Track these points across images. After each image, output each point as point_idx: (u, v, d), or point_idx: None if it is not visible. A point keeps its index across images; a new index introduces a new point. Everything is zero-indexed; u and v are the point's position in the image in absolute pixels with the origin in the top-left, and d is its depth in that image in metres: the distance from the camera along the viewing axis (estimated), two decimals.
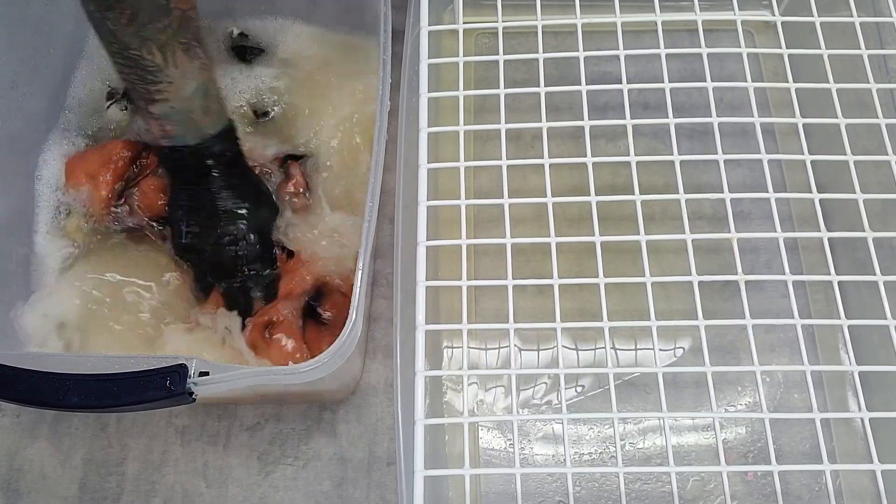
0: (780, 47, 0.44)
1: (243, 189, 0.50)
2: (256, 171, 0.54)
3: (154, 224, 0.53)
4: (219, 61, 0.58)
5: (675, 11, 0.45)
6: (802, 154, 0.41)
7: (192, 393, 0.38)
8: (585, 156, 0.41)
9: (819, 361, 0.51)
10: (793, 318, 0.37)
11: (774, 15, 0.45)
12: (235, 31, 0.60)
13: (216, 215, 0.49)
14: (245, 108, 0.58)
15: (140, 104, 0.46)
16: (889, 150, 0.41)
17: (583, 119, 0.41)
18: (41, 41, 0.55)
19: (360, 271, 0.42)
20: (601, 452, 0.50)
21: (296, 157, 0.55)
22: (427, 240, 0.39)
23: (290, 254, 0.52)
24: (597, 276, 0.38)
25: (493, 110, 0.42)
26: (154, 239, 0.53)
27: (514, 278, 0.38)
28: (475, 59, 0.45)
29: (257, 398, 0.51)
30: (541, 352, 0.53)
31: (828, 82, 0.42)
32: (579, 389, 0.51)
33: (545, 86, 0.42)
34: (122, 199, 0.54)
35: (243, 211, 0.50)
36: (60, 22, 0.56)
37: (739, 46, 0.44)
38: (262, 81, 0.58)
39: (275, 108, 0.58)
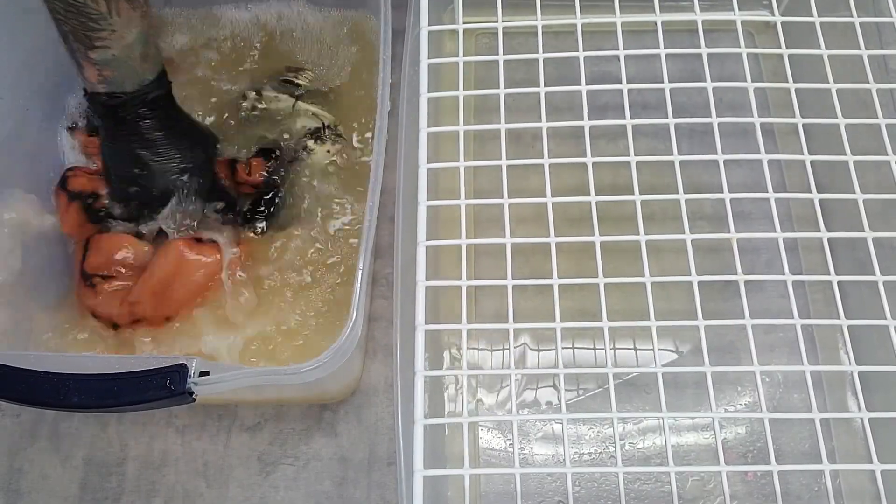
0: (780, 47, 0.44)
1: (179, 130, 0.51)
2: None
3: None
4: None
5: (675, 11, 0.45)
6: (802, 154, 0.41)
7: (193, 393, 0.38)
8: (585, 156, 0.41)
9: (819, 361, 0.51)
10: (792, 318, 0.37)
11: (774, 15, 0.45)
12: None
13: (154, 158, 0.50)
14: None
15: (78, 49, 0.46)
16: (889, 150, 0.41)
17: (583, 119, 0.41)
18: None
19: (360, 271, 0.42)
20: (601, 452, 0.50)
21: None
22: (427, 240, 0.39)
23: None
24: (597, 276, 0.38)
25: (493, 110, 0.42)
26: None
27: (514, 278, 0.38)
28: (475, 59, 0.45)
29: (258, 398, 0.51)
30: (541, 352, 0.53)
31: (828, 82, 0.42)
32: (579, 389, 0.51)
33: (545, 86, 0.42)
34: None
35: (179, 153, 0.50)
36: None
37: (739, 46, 0.44)
38: None
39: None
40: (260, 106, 0.58)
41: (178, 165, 0.50)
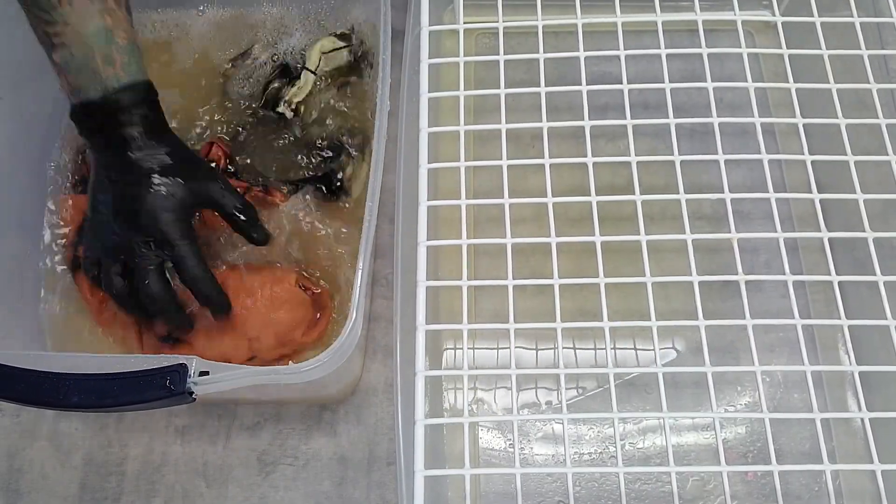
0: (781, 47, 0.44)
1: (163, 151, 0.44)
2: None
3: None
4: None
5: (675, 11, 0.45)
6: (802, 154, 0.41)
7: (192, 392, 0.38)
8: (586, 156, 0.41)
9: (819, 361, 0.51)
10: (793, 318, 0.37)
11: (774, 15, 0.45)
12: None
13: (133, 183, 0.44)
14: None
15: (46, 52, 0.43)
16: (889, 150, 0.41)
17: (583, 119, 0.41)
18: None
19: (360, 271, 0.42)
20: (601, 452, 0.50)
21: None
22: (427, 240, 0.39)
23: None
24: (597, 276, 0.38)
25: (494, 110, 0.42)
26: None
27: (514, 278, 0.38)
28: (475, 59, 0.45)
29: (258, 398, 0.51)
30: (541, 352, 0.53)
31: (828, 82, 0.42)
32: (579, 389, 0.51)
33: (545, 86, 0.42)
34: None
35: (164, 179, 0.44)
36: None
37: (739, 46, 0.44)
38: None
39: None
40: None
41: (158, 191, 0.44)
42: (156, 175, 0.44)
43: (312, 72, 0.56)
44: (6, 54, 0.53)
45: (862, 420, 0.36)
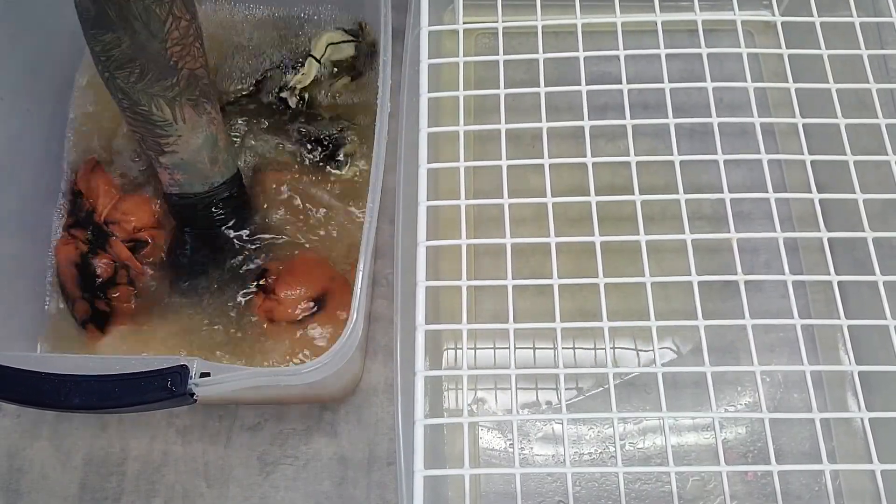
0: (780, 47, 0.44)
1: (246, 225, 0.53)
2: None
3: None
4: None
5: (675, 11, 0.45)
6: (802, 154, 0.41)
7: (193, 394, 0.38)
8: (585, 156, 0.41)
9: (819, 361, 0.51)
10: (793, 318, 0.37)
11: (774, 15, 0.45)
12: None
13: (219, 249, 0.52)
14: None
15: (150, 155, 0.47)
16: (889, 150, 0.41)
17: (583, 119, 0.41)
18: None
19: (361, 271, 0.42)
20: (601, 452, 0.50)
21: None
22: (427, 240, 0.39)
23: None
24: (597, 276, 0.38)
25: (494, 110, 0.42)
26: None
27: (514, 278, 0.38)
28: (475, 59, 0.45)
29: (258, 398, 0.51)
30: (540, 352, 0.53)
31: (828, 82, 0.42)
32: (579, 389, 0.51)
33: (545, 86, 0.42)
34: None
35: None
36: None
37: (739, 46, 0.44)
38: None
39: None
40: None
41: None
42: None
43: (317, 59, 0.57)
44: (6, 55, 0.53)
45: (862, 420, 0.36)
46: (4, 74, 0.53)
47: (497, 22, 0.44)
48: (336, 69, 0.58)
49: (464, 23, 0.45)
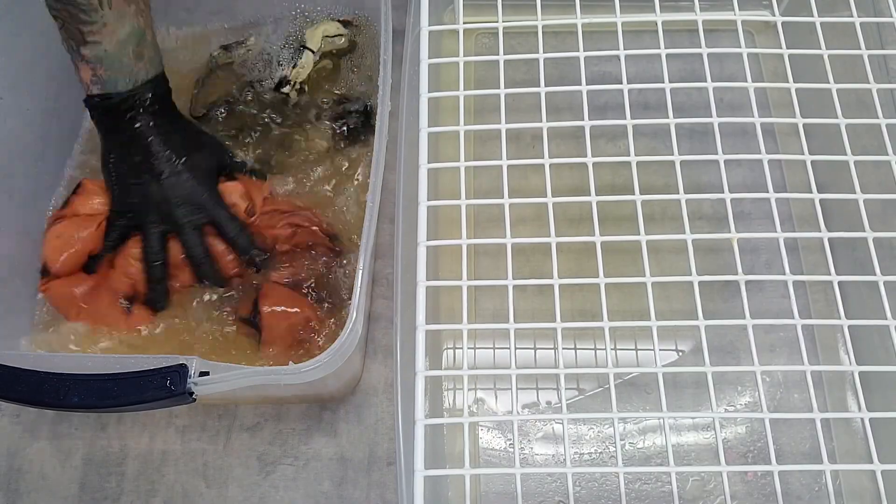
0: (781, 47, 0.44)
1: (178, 136, 0.49)
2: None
3: None
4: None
5: (675, 11, 0.45)
6: (802, 154, 0.41)
7: (192, 393, 0.38)
8: (585, 156, 0.40)
9: (819, 361, 0.51)
10: (793, 318, 0.37)
11: (774, 15, 0.45)
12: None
13: (151, 164, 0.48)
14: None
15: (71, 45, 0.45)
16: (889, 150, 0.41)
17: (583, 119, 0.41)
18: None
19: (360, 271, 0.42)
20: (601, 452, 0.50)
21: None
22: (427, 240, 0.39)
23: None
24: (597, 276, 0.38)
25: (494, 110, 0.42)
26: None
27: (514, 278, 0.38)
28: (475, 59, 0.45)
29: (258, 398, 0.51)
30: (541, 352, 0.53)
31: (828, 82, 0.42)
32: (580, 389, 0.51)
33: (545, 86, 0.42)
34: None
35: (178, 156, 0.49)
36: None
37: (739, 46, 0.44)
38: None
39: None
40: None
41: (176, 168, 0.48)
42: (183, 152, 0.49)
43: (313, 52, 0.58)
44: (6, 55, 0.53)
45: (862, 420, 0.35)
46: (3, 73, 0.53)
47: (497, 22, 0.44)
48: (328, 59, 0.59)
49: (464, 23, 0.45)
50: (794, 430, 0.50)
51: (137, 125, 0.47)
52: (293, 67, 0.57)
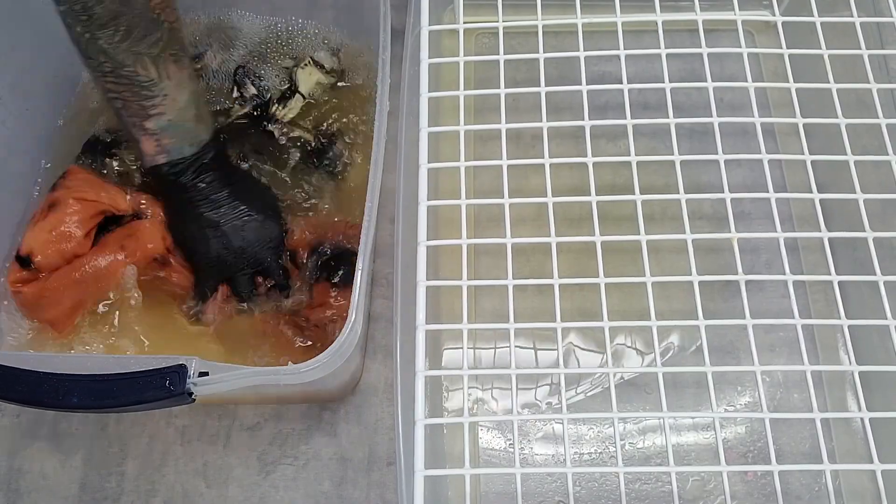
0: (781, 47, 0.44)
1: (241, 184, 0.51)
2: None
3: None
4: None
5: (675, 11, 0.45)
6: (802, 154, 0.41)
7: (192, 393, 0.38)
8: (586, 156, 0.40)
9: (819, 361, 0.51)
10: (793, 318, 0.37)
11: (775, 15, 0.45)
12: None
13: (224, 218, 0.49)
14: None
15: (134, 121, 0.45)
16: (889, 150, 0.41)
17: (583, 119, 0.41)
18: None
19: (360, 271, 0.42)
20: (601, 452, 0.50)
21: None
22: (427, 240, 0.39)
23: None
24: (597, 276, 0.38)
25: (494, 110, 0.42)
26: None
27: (514, 278, 0.38)
28: (475, 58, 0.45)
29: (257, 398, 0.51)
30: (541, 352, 0.53)
31: (828, 82, 0.42)
32: (579, 389, 0.51)
33: (545, 86, 0.42)
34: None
35: (248, 205, 0.50)
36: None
37: (739, 46, 0.44)
38: None
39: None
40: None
41: (251, 219, 0.50)
42: (247, 196, 0.50)
43: (304, 97, 0.58)
44: (5, 55, 0.53)
45: (862, 420, 0.36)
46: (3, 74, 0.53)
47: (497, 22, 0.44)
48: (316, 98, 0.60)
49: (464, 22, 0.45)
50: (794, 429, 0.50)
51: (204, 185, 0.48)
52: (283, 107, 0.57)
